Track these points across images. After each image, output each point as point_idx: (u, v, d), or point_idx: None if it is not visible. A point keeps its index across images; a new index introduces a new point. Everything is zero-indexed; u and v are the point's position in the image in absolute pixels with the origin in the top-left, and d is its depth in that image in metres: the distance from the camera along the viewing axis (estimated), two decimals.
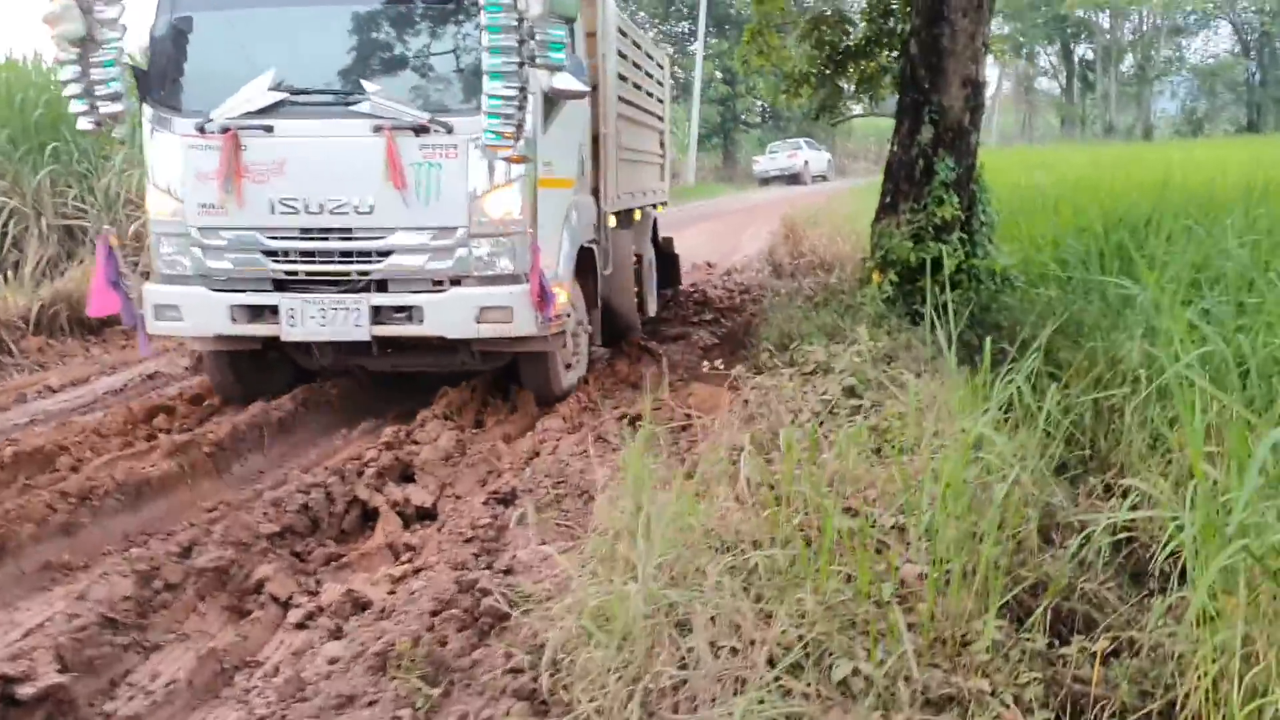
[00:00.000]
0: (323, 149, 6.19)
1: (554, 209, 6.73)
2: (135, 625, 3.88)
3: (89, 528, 4.89)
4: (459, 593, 3.76)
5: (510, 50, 5.32)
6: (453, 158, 6.11)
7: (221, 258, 6.31)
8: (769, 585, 3.79)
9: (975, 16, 7.84)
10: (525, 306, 6.14)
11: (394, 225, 6.16)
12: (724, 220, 23.49)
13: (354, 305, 6.16)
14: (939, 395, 5.64)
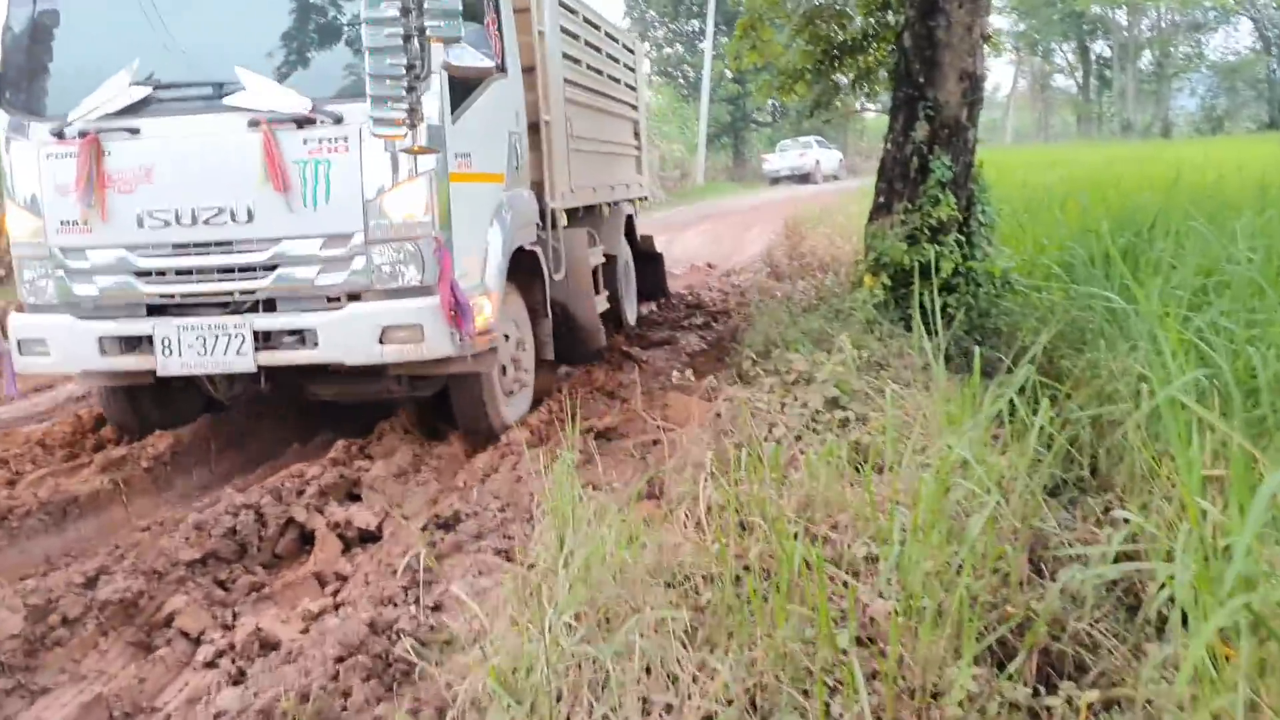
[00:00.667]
0: (194, 150, 5.35)
1: (474, 207, 5.85)
2: (23, 666, 3.53)
3: (4, 550, 4.56)
4: (371, 635, 3.41)
5: (393, 21, 4.50)
6: (343, 152, 5.25)
7: (88, 281, 5.50)
8: (718, 627, 3.44)
9: (972, 8, 7.45)
10: (438, 323, 5.30)
11: (278, 235, 5.32)
12: (729, 220, 23.13)
13: (235, 330, 5.33)
14: (927, 407, 5.29)
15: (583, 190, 8.32)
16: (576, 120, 8.17)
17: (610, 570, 3.37)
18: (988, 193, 8.22)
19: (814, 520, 4.24)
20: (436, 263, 5.31)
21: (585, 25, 8.90)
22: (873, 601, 3.64)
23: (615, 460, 5.52)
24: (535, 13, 7.21)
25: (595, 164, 8.89)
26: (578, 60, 8.45)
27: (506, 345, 6.22)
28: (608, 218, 9.43)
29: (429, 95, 5.19)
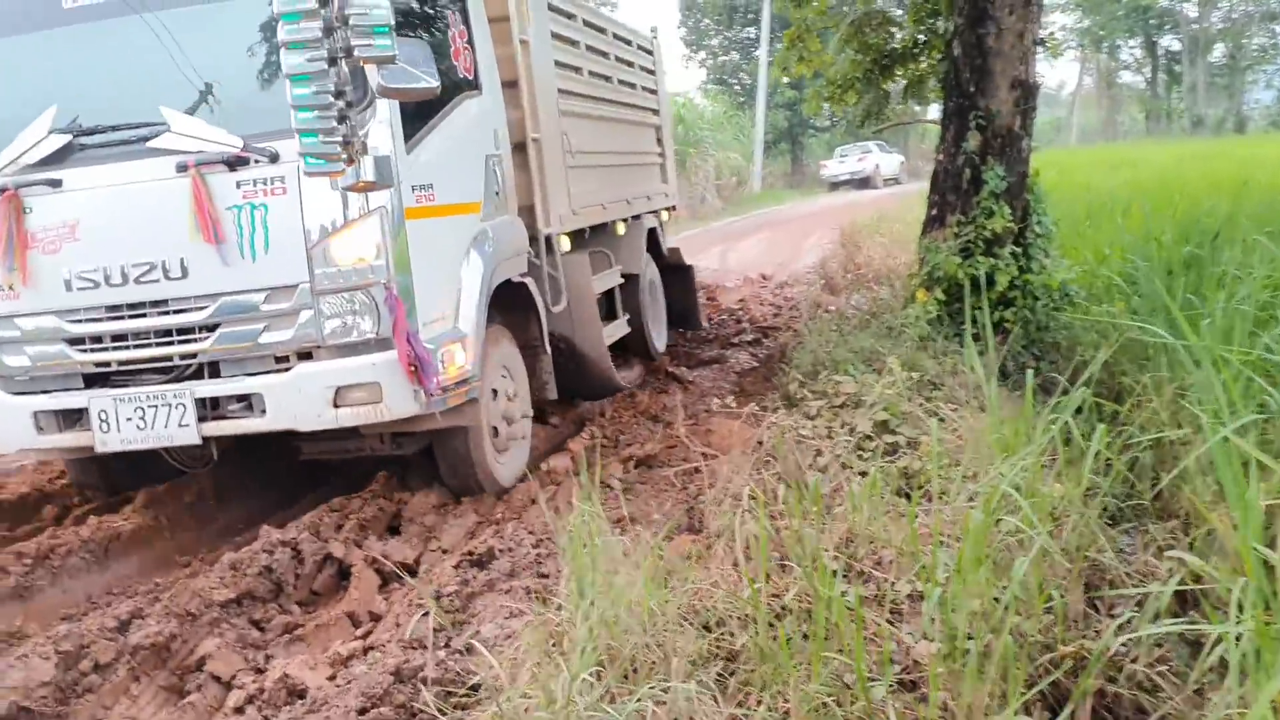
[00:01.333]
0: (121, 201, 4.84)
1: (441, 245, 5.28)
2: (54, 715, 3.52)
3: (47, 591, 4.58)
4: (396, 683, 3.34)
5: (315, 43, 3.87)
6: (280, 194, 4.71)
7: (19, 352, 5.03)
8: (753, 674, 3.32)
9: (1023, 14, 7.24)
10: (398, 379, 4.77)
11: (216, 290, 4.81)
12: (786, 228, 22.91)
13: (175, 399, 4.81)
14: (980, 431, 5.11)
15: (589, 209, 7.74)
16: (577, 133, 7.56)
17: (638, 616, 3.28)
18: (1044, 202, 7.99)
19: (856, 557, 4.11)
20: (390, 312, 4.77)
21: (587, 29, 8.27)
22: (918, 643, 3.52)
23: (656, 489, 5.43)
24: (516, 20, 6.53)
25: (605, 178, 8.34)
26: (577, 68, 7.90)
27: (495, 405, 5.71)
28: (625, 234, 8.78)
29: (376, 123, 4.71)
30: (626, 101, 9.18)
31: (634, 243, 8.84)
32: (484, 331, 5.44)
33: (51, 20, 4.98)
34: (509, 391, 5.88)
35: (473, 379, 5.26)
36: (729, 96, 39.75)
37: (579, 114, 7.68)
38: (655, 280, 9.45)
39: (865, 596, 3.81)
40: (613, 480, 5.59)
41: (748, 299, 12.67)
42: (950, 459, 4.84)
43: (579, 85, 7.82)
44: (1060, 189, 13.51)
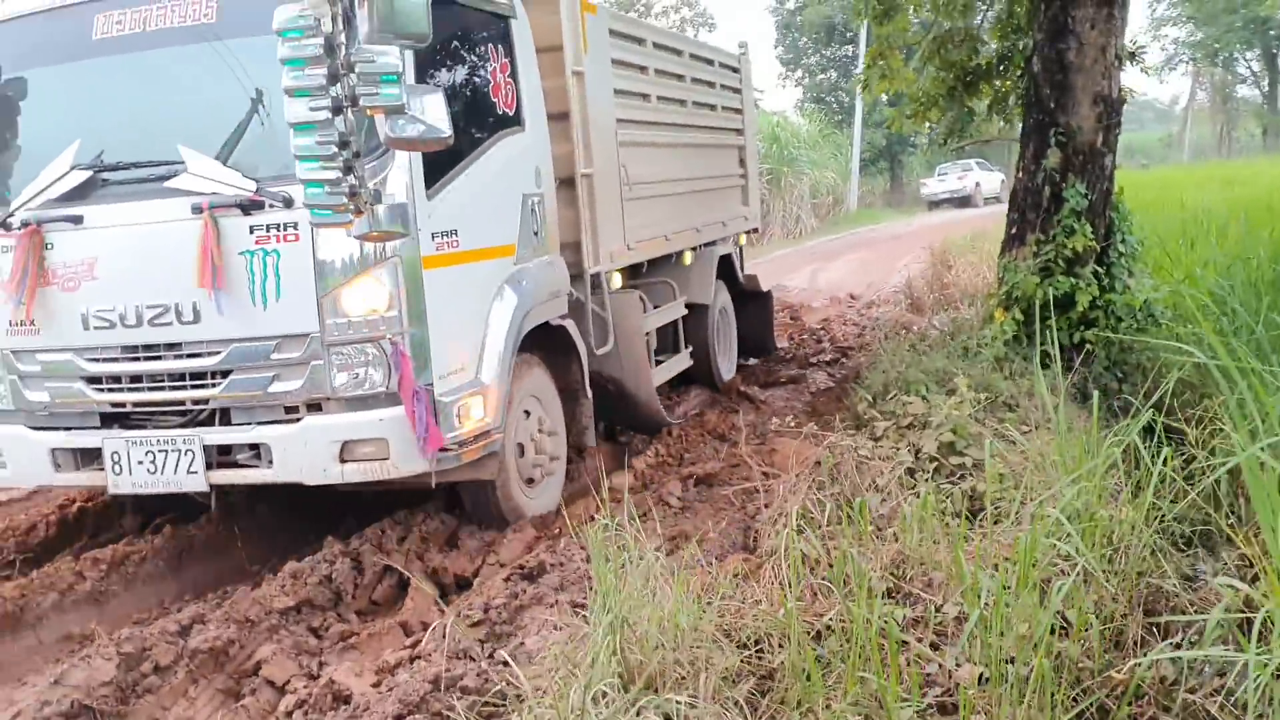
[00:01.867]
0: (138, 241, 4.77)
1: (464, 292, 5.10)
2: (114, 713, 3.67)
3: (121, 596, 4.77)
4: (435, 691, 3.41)
5: (319, 91, 3.75)
6: (293, 241, 4.59)
7: (40, 387, 5.00)
8: (788, 693, 3.32)
9: (1106, 28, 7.11)
10: (407, 435, 4.63)
11: (228, 336, 4.71)
12: (880, 248, 22.70)
13: (185, 445, 4.73)
14: (1048, 453, 5.02)
15: (648, 242, 7.47)
16: (639, 163, 7.27)
17: (669, 632, 3.30)
18: (1129, 220, 7.81)
19: (905, 578, 4.08)
20: (396, 368, 4.62)
21: (658, 52, 7.99)
22: (960, 666, 3.47)
23: (715, 508, 5.44)
24: (571, 50, 6.28)
25: (672, 207, 8.02)
26: (644, 94, 7.66)
27: (525, 425, 5.60)
28: (692, 263, 8.48)
29: (394, 169, 4.62)
30: (703, 124, 8.98)
31: (703, 271, 8.56)
32: (509, 381, 5.27)
33: (80, 52, 4.93)
34: (539, 425, 5.73)
35: (494, 430, 5.09)
36: (826, 115, 39.50)
37: (642, 143, 7.47)
38: (726, 308, 9.24)
39: (910, 618, 3.79)
40: (670, 498, 5.62)
41: (832, 319, 12.59)
42: (1014, 481, 4.76)
43: (644, 113, 7.62)
44: (1157, 207, 13.19)
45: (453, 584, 4.88)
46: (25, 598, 4.58)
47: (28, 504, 6.26)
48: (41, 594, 4.61)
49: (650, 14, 42.37)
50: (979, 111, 9.79)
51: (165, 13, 4.75)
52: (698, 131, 8.79)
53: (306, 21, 3.69)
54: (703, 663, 3.26)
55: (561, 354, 6.04)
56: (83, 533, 5.61)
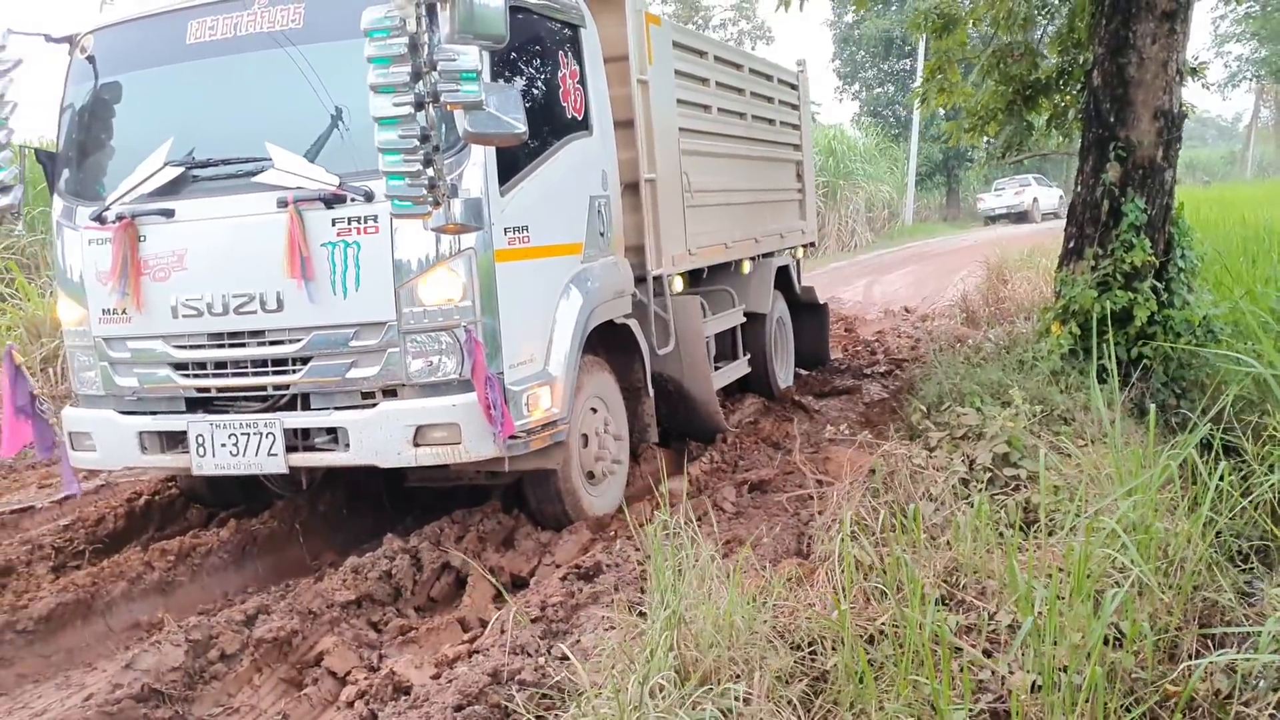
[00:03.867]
0: (226, 233, 5.00)
1: (534, 286, 5.31)
2: (181, 698, 3.78)
3: (187, 586, 4.90)
4: (494, 684, 3.49)
5: (404, 87, 3.94)
6: (373, 233, 4.79)
7: (129, 373, 5.25)
8: (840, 695, 3.36)
9: (1167, 43, 7.07)
10: (478, 420, 4.77)
11: (310, 324, 4.91)
12: (935, 262, 22.58)
13: (266, 429, 4.94)
14: (1104, 466, 5.01)
15: (709, 249, 7.66)
16: (700, 172, 7.47)
17: (724, 630, 3.35)
18: (1189, 236, 7.75)
19: (959, 586, 4.10)
20: (469, 355, 4.79)
21: (719, 66, 8.16)
22: (1013, 673, 3.49)
23: (768, 513, 5.48)
24: (636, 60, 6.49)
25: (731, 216, 8.22)
26: (705, 105, 7.83)
27: (590, 429, 5.77)
28: (750, 273, 8.66)
29: (470, 165, 4.83)
30: (762, 138, 9.09)
31: (761, 281, 8.70)
32: (575, 373, 5.45)
33: (175, 56, 5.17)
34: (604, 425, 5.89)
35: (560, 421, 5.27)
36: (883, 129, 39.36)
37: (703, 152, 7.63)
38: (784, 318, 9.32)
39: (963, 625, 3.81)
40: (725, 503, 5.66)
41: (886, 331, 12.57)
42: (1069, 493, 4.76)
43: (705, 123, 7.77)
44: (1218, 223, 13.03)
45: (509, 583, 4.95)
46: (96, 586, 4.73)
47: (95, 497, 6.44)
48: (111, 583, 4.76)
49: (708, 26, 42.48)
50: (1038, 125, 9.75)
51: (254, 18, 4.99)
52: (756, 144, 8.91)
53: (392, 22, 3.87)
54: (757, 661, 3.31)
55: (624, 353, 6.22)
56: (149, 525, 5.75)
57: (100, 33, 5.37)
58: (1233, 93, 59.93)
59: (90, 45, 5.34)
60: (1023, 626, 3.46)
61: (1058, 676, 3.22)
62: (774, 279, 8.85)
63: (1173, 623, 3.68)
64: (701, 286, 7.86)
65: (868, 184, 31.86)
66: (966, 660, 3.53)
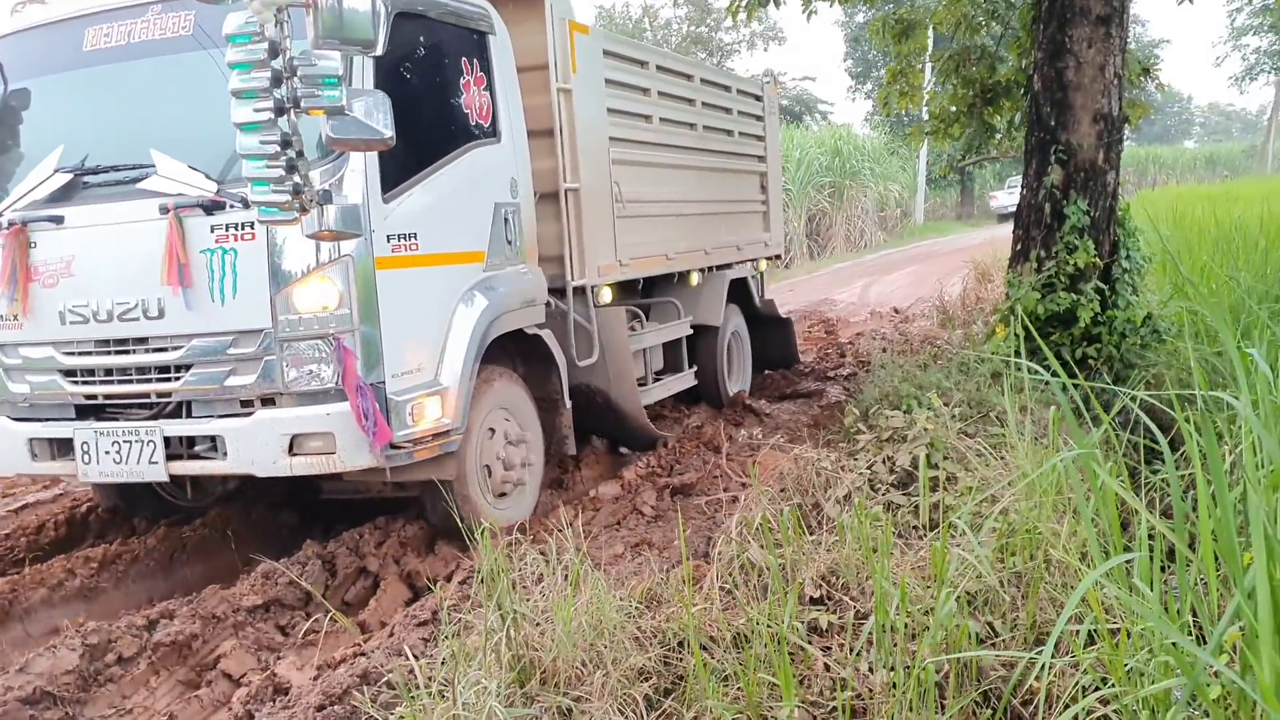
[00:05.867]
0: (111, 240, 5.00)
1: (423, 294, 5.24)
2: (74, 699, 3.93)
3: (110, 594, 5.05)
4: (361, 685, 3.61)
5: (263, 92, 3.92)
6: (250, 240, 4.78)
7: (21, 380, 5.28)
8: (689, 694, 3.46)
9: (1104, 46, 7.12)
10: (353, 430, 4.76)
11: (189, 331, 4.91)
12: (937, 262, 22.54)
13: (147, 436, 4.94)
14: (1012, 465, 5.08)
15: (645, 260, 7.53)
16: (635, 182, 7.37)
17: (581, 632, 3.45)
18: (1135, 237, 7.79)
19: (840, 586, 4.18)
20: (338, 363, 4.76)
21: (662, 75, 8.00)
22: (876, 671, 3.58)
23: (686, 517, 5.57)
24: (558, 69, 6.44)
25: (673, 228, 8.06)
26: (645, 115, 7.71)
27: (492, 441, 5.73)
28: (700, 284, 8.47)
29: (349, 171, 4.80)
30: (717, 148, 8.97)
31: (712, 293, 8.58)
32: (472, 383, 5.39)
33: (72, 62, 5.19)
34: (508, 436, 5.84)
35: (453, 431, 5.25)
36: (895, 127, 39.30)
37: (641, 162, 7.54)
38: (740, 332, 9.25)
39: (836, 624, 3.90)
40: (645, 506, 5.77)
41: (865, 333, 12.61)
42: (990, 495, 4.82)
43: (644, 133, 7.66)
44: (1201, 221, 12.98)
45: (426, 588, 5.07)
46: (15, 592, 4.88)
47: (54, 506, 6.61)
48: (31, 589, 4.91)
49: (720, 27, 42.55)
50: (999, 127, 9.81)
51: (148, 25, 5.03)
52: (709, 155, 8.78)
53: (253, 27, 3.88)
54: (609, 661, 3.41)
55: (541, 363, 6.20)
56: (89, 534, 5.91)
57: (4, 40, 5.43)
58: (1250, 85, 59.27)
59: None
60: (871, 624, 3.56)
61: (907, 673, 3.31)
62: (727, 292, 8.76)
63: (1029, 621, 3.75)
64: (641, 298, 7.85)
65: (877, 183, 31.82)
66: (834, 659, 3.63)
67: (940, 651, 3.40)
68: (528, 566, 4.76)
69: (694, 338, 8.31)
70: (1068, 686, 3.29)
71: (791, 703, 3.18)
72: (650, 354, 7.66)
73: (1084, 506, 3.78)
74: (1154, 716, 2.66)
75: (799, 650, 3.60)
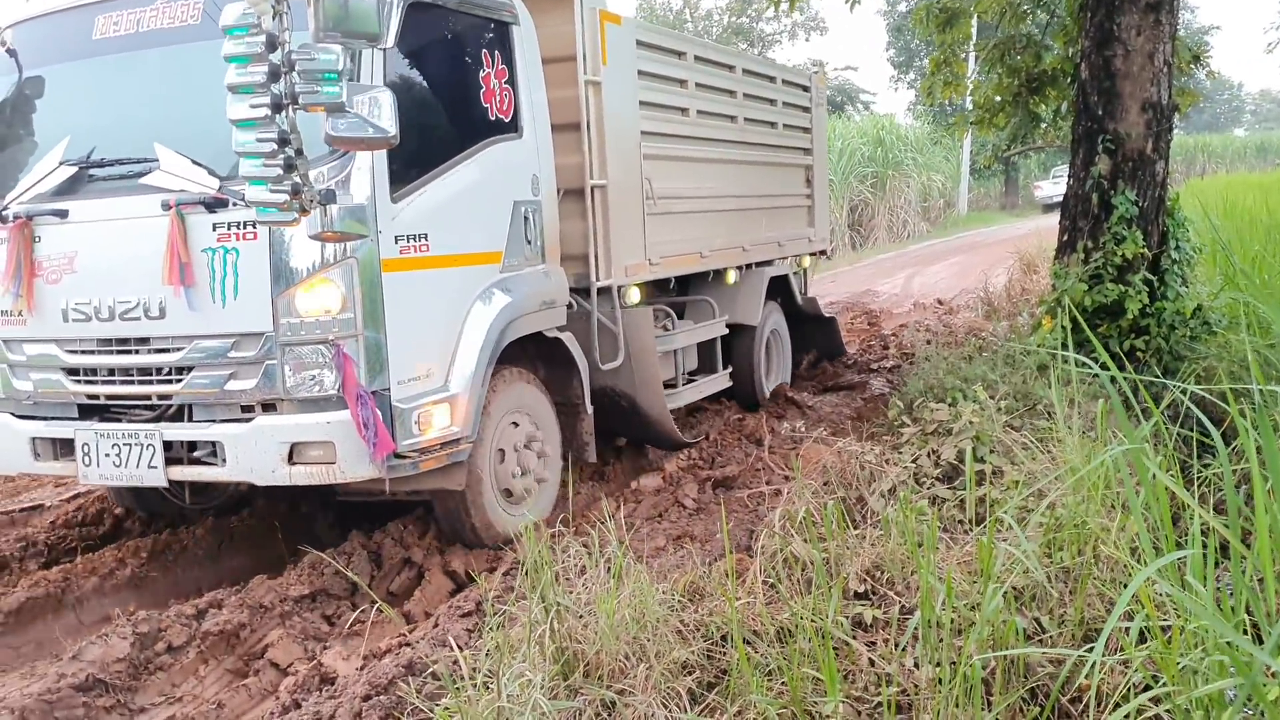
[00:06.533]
0: (114, 236, 4.86)
1: (433, 298, 5.03)
2: (125, 687, 3.99)
3: (160, 583, 5.12)
4: (409, 675, 3.64)
5: (260, 88, 3.76)
6: (251, 239, 4.59)
7: (25, 377, 5.13)
8: (733, 688, 3.45)
9: (1153, 34, 7.01)
10: (355, 440, 4.56)
11: (190, 333, 4.74)
12: (982, 253, 22.32)
13: (146, 440, 4.78)
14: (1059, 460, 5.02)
15: (677, 259, 7.30)
16: (669, 178, 7.13)
17: (625, 625, 3.46)
18: (1184, 228, 7.67)
19: (885, 581, 4.16)
20: (338, 370, 4.56)
21: (701, 66, 7.73)
22: (922, 667, 3.56)
23: (729, 510, 5.56)
24: (587, 60, 6.17)
25: (710, 224, 7.81)
26: (682, 108, 7.46)
27: (507, 448, 5.53)
28: (737, 282, 8.25)
29: (356, 170, 4.60)
30: (759, 141, 8.69)
31: (750, 291, 8.32)
32: (484, 390, 5.18)
33: (80, 52, 5.06)
34: (523, 441, 5.65)
35: (463, 440, 5.05)
36: (939, 117, 38.99)
37: (675, 157, 7.31)
38: (780, 330, 8.98)
39: (881, 620, 3.88)
40: (686, 499, 5.76)
41: (909, 325, 12.53)
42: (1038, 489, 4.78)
43: (680, 126, 7.43)
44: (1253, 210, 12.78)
45: (469, 579, 5.10)
46: (68, 581, 4.96)
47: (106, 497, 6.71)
48: (83, 579, 4.98)
49: (761, 18, 42.35)
50: (1045, 117, 9.69)
51: (157, 14, 4.89)
52: (750, 149, 8.54)
53: (251, 19, 3.73)
54: (652, 654, 3.41)
55: (563, 366, 6.02)
56: (138, 524, 5.98)
57: (19, 26, 5.29)
58: None
59: (10, 39, 5.26)
60: (917, 620, 3.54)
61: (953, 669, 3.29)
62: (766, 289, 8.50)
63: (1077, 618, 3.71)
64: (674, 297, 7.69)
65: (921, 174, 31.57)
66: (878, 654, 3.61)
67: (987, 648, 3.38)
68: (570, 559, 4.80)
69: (730, 337, 8.10)
70: (1118, 685, 3.26)
71: (836, 698, 3.16)
72: (682, 355, 7.48)
73: (1134, 501, 3.74)
74: (1207, 717, 2.62)
75: (843, 645, 3.58)
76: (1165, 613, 3.55)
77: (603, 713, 3.19)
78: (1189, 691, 2.69)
